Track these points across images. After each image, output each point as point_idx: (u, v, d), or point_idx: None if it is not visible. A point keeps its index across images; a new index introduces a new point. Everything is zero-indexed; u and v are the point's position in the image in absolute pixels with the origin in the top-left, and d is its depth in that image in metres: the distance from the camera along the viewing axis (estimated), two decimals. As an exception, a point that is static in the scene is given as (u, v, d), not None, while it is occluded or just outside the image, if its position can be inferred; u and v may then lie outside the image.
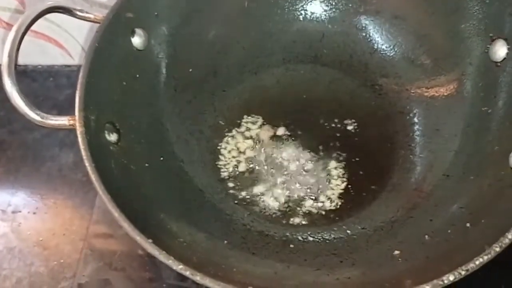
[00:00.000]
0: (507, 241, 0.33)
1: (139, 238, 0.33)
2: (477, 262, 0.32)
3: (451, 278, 0.31)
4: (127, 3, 0.45)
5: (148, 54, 0.48)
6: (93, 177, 0.36)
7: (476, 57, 0.47)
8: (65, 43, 0.62)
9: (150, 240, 0.33)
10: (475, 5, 0.46)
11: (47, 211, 0.53)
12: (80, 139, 0.37)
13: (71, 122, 0.39)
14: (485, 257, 0.32)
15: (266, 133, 0.52)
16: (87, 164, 0.36)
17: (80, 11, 0.45)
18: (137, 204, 0.39)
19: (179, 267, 0.32)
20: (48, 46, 0.62)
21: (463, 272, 0.32)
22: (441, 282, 0.31)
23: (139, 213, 0.38)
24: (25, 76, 0.64)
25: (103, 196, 0.35)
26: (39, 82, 0.64)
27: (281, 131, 0.52)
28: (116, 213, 0.34)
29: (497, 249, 0.32)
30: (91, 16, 0.45)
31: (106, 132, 0.42)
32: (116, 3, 0.45)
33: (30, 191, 0.55)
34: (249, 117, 0.53)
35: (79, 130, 0.38)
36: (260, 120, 0.53)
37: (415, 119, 0.51)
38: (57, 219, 0.53)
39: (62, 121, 0.39)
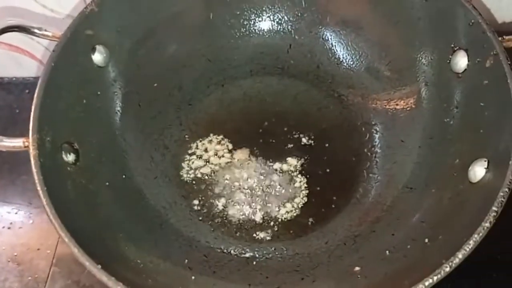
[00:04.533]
0: (457, 260, 0.33)
1: (88, 263, 0.33)
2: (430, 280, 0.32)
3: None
4: (86, 20, 0.45)
5: (110, 71, 0.48)
6: (44, 201, 0.35)
7: (438, 68, 0.47)
8: (40, 55, 0.61)
9: (99, 266, 0.33)
10: (437, 16, 0.46)
11: (21, 226, 0.53)
12: (32, 162, 0.37)
13: (26, 144, 0.39)
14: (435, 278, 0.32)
15: (231, 148, 0.51)
16: (38, 188, 0.36)
17: (39, 29, 0.45)
18: (94, 226, 0.39)
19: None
20: (23, 59, 0.62)
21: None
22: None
23: (95, 235, 0.37)
24: (0, 88, 0.63)
25: (53, 221, 0.35)
26: (15, 94, 0.63)
27: (245, 146, 0.51)
28: (66, 238, 0.34)
29: (447, 269, 0.32)
30: (49, 34, 0.45)
31: (63, 152, 0.41)
32: (74, 21, 0.44)
33: (5, 205, 0.55)
34: (215, 135, 0.52)
35: (32, 153, 0.38)
36: (225, 136, 0.52)
37: (381, 131, 0.50)
38: (32, 234, 0.52)
39: (17, 143, 0.39)
